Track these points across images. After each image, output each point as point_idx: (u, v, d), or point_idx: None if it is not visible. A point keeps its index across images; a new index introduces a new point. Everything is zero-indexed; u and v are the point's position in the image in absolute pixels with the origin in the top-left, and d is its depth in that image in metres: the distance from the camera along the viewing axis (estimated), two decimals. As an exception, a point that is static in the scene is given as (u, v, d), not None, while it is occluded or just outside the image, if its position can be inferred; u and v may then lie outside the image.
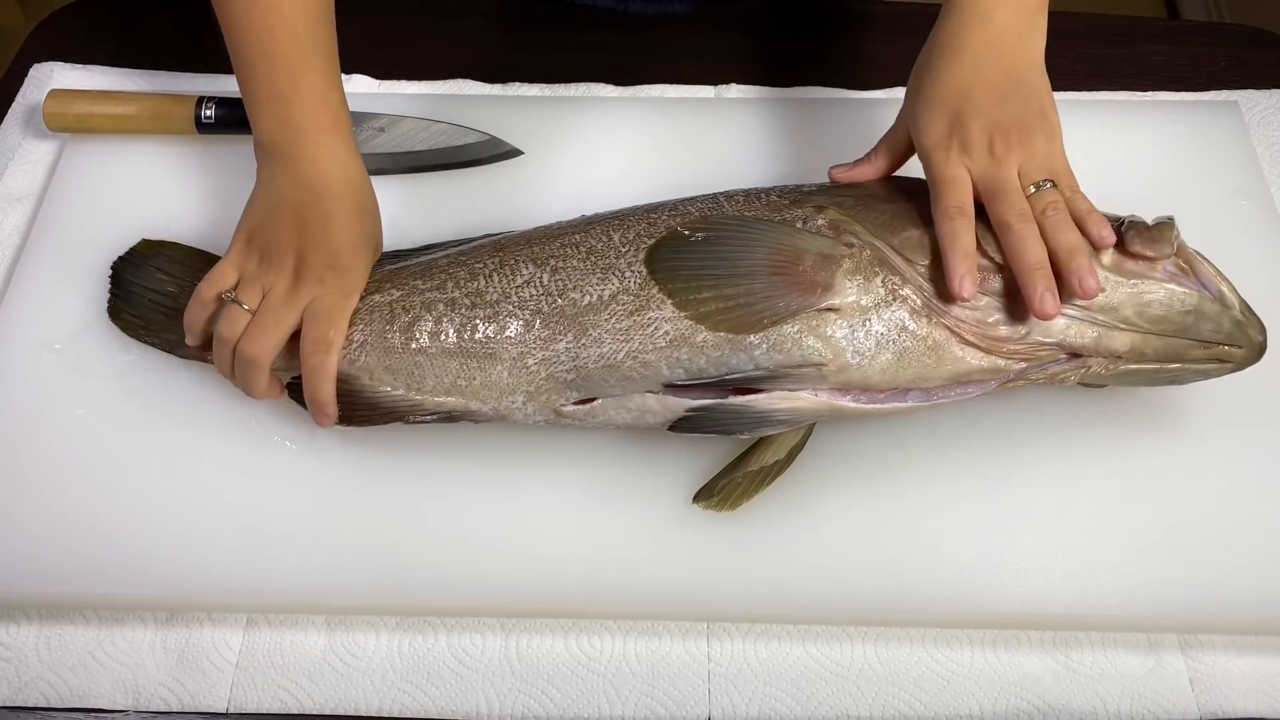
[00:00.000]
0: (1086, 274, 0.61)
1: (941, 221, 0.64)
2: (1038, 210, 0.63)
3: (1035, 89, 0.66)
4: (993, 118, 0.65)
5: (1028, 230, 0.62)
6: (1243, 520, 0.68)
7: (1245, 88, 0.91)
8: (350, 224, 0.69)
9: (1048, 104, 0.66)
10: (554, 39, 0.97)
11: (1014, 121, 0.65)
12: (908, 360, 0.64)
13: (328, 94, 0.70)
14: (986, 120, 0.65)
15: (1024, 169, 0.64)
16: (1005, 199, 0.63)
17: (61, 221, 0.82)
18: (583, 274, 0.68)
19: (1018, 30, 0.66)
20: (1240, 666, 0.65)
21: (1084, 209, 0.64)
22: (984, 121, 0.65)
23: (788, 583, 0.66)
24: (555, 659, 0.66)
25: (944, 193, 0.64)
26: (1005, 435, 0.71)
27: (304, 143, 0.69)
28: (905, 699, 0.64)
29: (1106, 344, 0.65)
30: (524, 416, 0.68)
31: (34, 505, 0.69)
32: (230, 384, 0.70)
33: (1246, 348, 0.66)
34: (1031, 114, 0.65)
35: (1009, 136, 0.64)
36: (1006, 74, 0.66)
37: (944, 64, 0.67)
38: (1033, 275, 0.61)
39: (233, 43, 0.71)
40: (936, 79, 0.67)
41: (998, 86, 0.65)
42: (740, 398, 0.65)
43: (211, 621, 0.67)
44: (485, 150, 0.86)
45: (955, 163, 0.65)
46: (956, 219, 0.63)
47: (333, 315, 0.67)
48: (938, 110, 0.66)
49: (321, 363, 0.66)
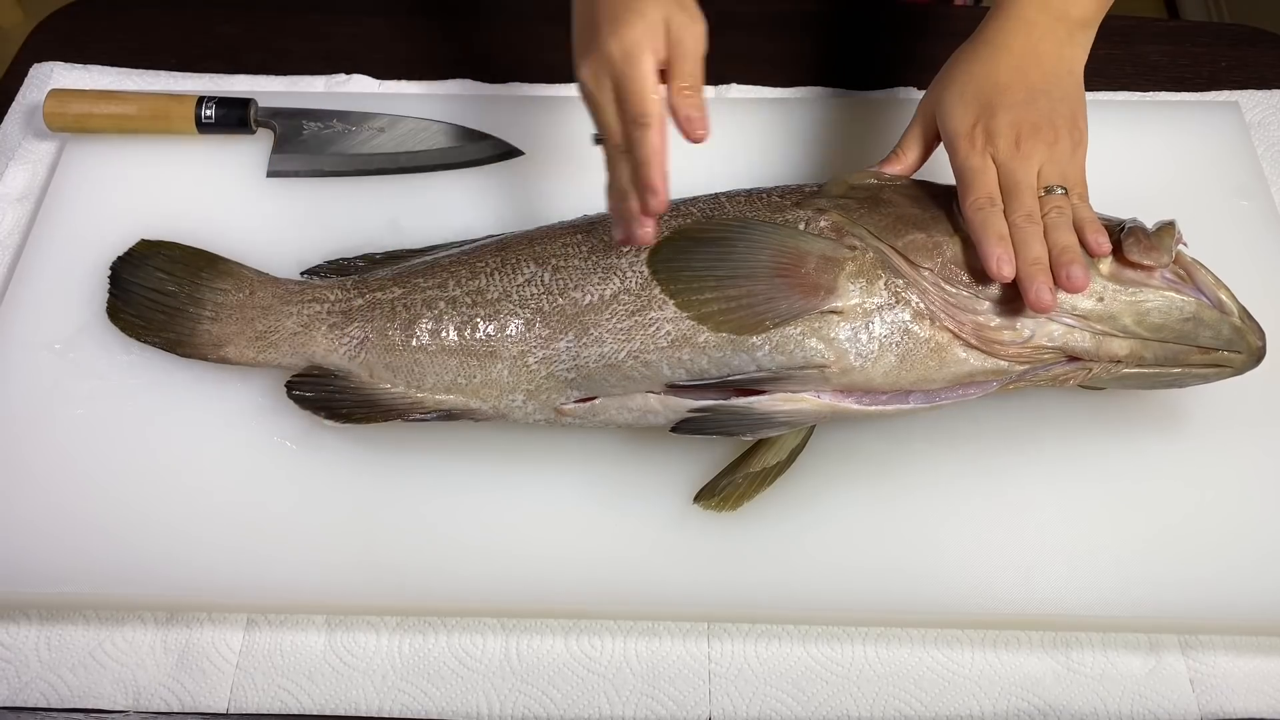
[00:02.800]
0: (1075, 268, 0.62)
1: (972, 213, 0.64)
2: (1043, 211, 0.64)
3: (1070, 95, 0.67)
4: (1023, 114, 0.65)
5: (1032, 230, 0.63)
6: (1243, 521, 0.68)
7: (1245, 88, 0.91)
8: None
9: (1079, 113, 0.67)
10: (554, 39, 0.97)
11: (1044, 120, 0.65)
12: (910, 362, 0.64)
13: None
14: (1016, 116, 0.65)
15: (1043, 171, 0.65)
16: (1018, 197, 0.64)
17: (61, 221, 0.82)
18: (584, 273, 0.68)
19: (1058, 39, 0.68)
20: (1240, 666, 0.65)
21: (1087, 217, 0.65)
22: (1014, 116, 0.65)
23: (788, 583, 0.66)
24: (555, 659, 0.66)
25: (972, 183, 0.65)
26: (1006, 436, 0.71)
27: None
28: (905, 699, 0.64)
29: (1106, 349, 0.65)
30: (524, 415, 0.68)
31: (34, 505, 0.69)
32: (230, 383, 0.70)
33: (1245, 353, 0.66)
34: (1062, 118, 0.66)
35: (1037, 134, 0.65)
36: (1043, 76, 0.67)
37: (984, 57, 0.68)
38: (1030, 269, 0.62)
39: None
40: (973, 70, 0.68)
41: (1033, 85, 0.66)
42: (742, 399, 0.65)
43: (211, 621, 0.67)
44: (485, 150, 0.86)
45: (982, 152, 0.65)
46: (987, 209, 0.64)
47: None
48: (970, 99, 0.67)
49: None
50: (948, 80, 0.69)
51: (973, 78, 0.68)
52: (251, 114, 0.85)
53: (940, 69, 0.71)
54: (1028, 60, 0.67)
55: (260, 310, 0.72)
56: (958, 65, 0.69)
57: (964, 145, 0.66)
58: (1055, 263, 0.63)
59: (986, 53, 0.68)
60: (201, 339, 0.72)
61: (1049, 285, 0.62)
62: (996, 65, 0.68)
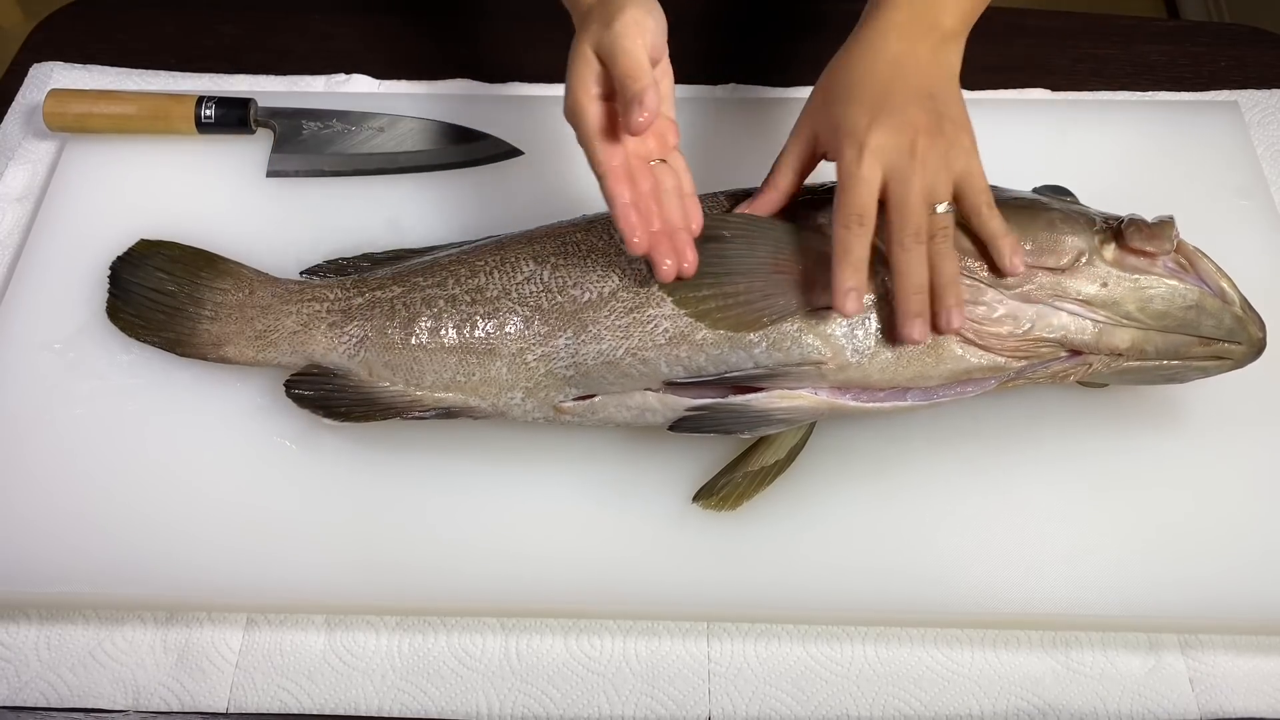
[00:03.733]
0: (954, 313, 0.61)
1: (836, 227, 0.62)
2: (929, 232, 0.62)
3: (955, 99, 0.65)
4: (915, 115, 0.62)
5: (918, 251, 0.61)
6: (1243, 520, 0.68)
7: (1245, 88, 0.91)
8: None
9: (965, 114, 0.65)
10: (554, 39, 0.97)
11: (935, 122, 0.62)
12: (907, 359, 0.64)
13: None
14: (909, 116, 0.62)
15: (935, 182, 0.62)
16: (906, 213, 0.61)
17: (61, 221, 0.82)
18: (583, 271, 0.68)
19: (932, 44, 0.66)
20: (1240, 666, 0.65)
21: (996, 230, 0.63)
22: (907, 117, 0.62)
23: (788, 582, 0.66)
24: (555, 659, 0.66)
25: (848, 196, 0.62)
26: (1006, 434, 0.71)
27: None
28: (905, 699, 0.64)
29: (1107, 340, 0.65)
30: (523, 413, 0.68)
31: (34, 505, 0.69)
32: (230, 383, 0.70)
33: (1246, 344, 0.66)
34: (952, 120, 0.63)
35: (932, 135, 0.62)
36: (925, 77, 0.65)
37: (862, 61, 0.65)
38: (909, 299, 0.61)
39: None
40: (855, 75, 0.65)
41: (918, 88, 0.64)
42: (740, 396, 0.66)
43: (211, 621, 0.67)
44: (485, 150, 0.86)
45: (869, 162, 0.61)
46: (853, 228, 0.61)
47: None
48: (855, 102, 0.63)
49: None
50: (831, 87, 0.66)
51: (854, 83, 0.64)
52: (251, 114, 0.85)
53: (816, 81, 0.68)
54: (907, 63, 0.64)
55: (260, 310, 0.72)
56: (835, 73, 0.66)
57: (851, 149, 0.62)
58: (936, 298, 0.61)
59: (863, 59, 0.65)
60: (201, 338, 0.72)
61: (924, 324, 0.61)
62: (877, 70, 0.64)
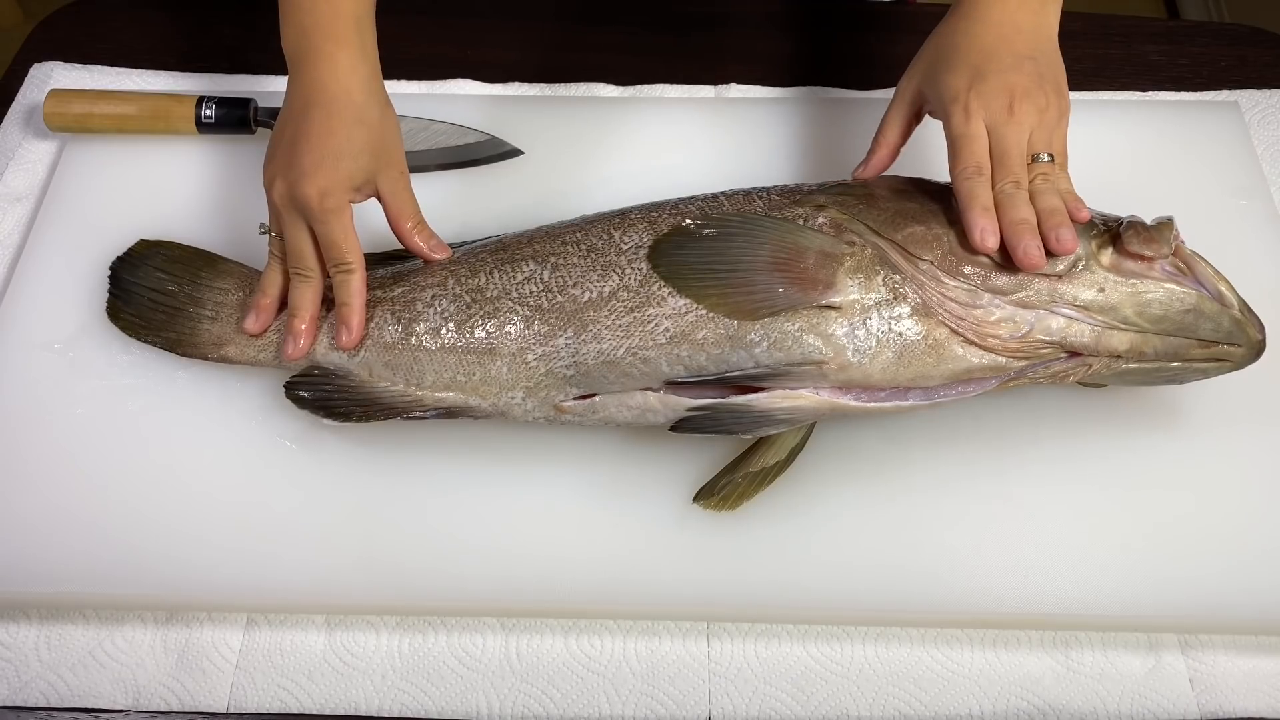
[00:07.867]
0: (1064, 230, 0.64)
1: (959, 181, 0.66)
2: (1030, 178, 0.65)
3: (1054, 62, 0.69)
4: (1014, 78, 0.66)
5: (1019, 195, 0.65)
6: (1243, 520, 0.68)
7: (1245, 88, 0.91)
8: (330, 135, 0.68)
9: (1063, 80, 0.68)
10: (554, 39, 0.97)
11: (1034, 84, 0.66)
12: (908, 359, 0.64)
13: (342, 5, 0.70)
14: (1008, 80, 0.66)
15: (1033, 138, 0.66)
16: (1006, 164, 0.65)
17: (61, 221, 0.82)
18: (583, 271, 0.68)
19: (1033, 9, 0.69)
20: (1240, 666, 0.65)
21: (1066, 188, 0.66)
22: (1005, 80, 0.66)
23: (788, 582, 0.66)
24: (555, 659, 0.66)
25: (962, 151, 0.66)
26: (1006, 434, 0.71)
27: (309, 50, 0.70)
28: (905, 699, 0.64)
29: (1106, 343, 0.65)
30: (523, 413, 0.68)
31: (34, 505, 0.69)
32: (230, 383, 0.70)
33: (1245, 346, 0.66)
34: (1049, 83, 0.67)
35: (1028, 97, 0.66)
36: (1027, 43, 0.68)
37: (965, 29, 0.69)
38: (1018, 228, 0.64)
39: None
40: (957, 41, 0.69)
41: (1019, 52, 0.68)
42: (741, 397, 0.66)
43: (211, 621, 0.67)
44: (485, 150, 0.86)
45: (974, 119, 0.66)
46: (974, 178, 0.65)
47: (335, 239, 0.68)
48: (960, 66, 0.68)
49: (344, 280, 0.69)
50: (933, 54, 0.71)
51: (958, 48, 0.69)
52: (251, 114, 0.85)
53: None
54: (1009, 29, 0.69)
55: (260, 310, 0.72)
56: (940, 39, 0.71)
57: (958, 111, 0.67)
58: (1044, 225, 0.64)
59: (966, 25, 0.70)
60: (201, 338, 0.72)
61: (1037, 244, 0.63)
62: (980, 35, 0.69)
